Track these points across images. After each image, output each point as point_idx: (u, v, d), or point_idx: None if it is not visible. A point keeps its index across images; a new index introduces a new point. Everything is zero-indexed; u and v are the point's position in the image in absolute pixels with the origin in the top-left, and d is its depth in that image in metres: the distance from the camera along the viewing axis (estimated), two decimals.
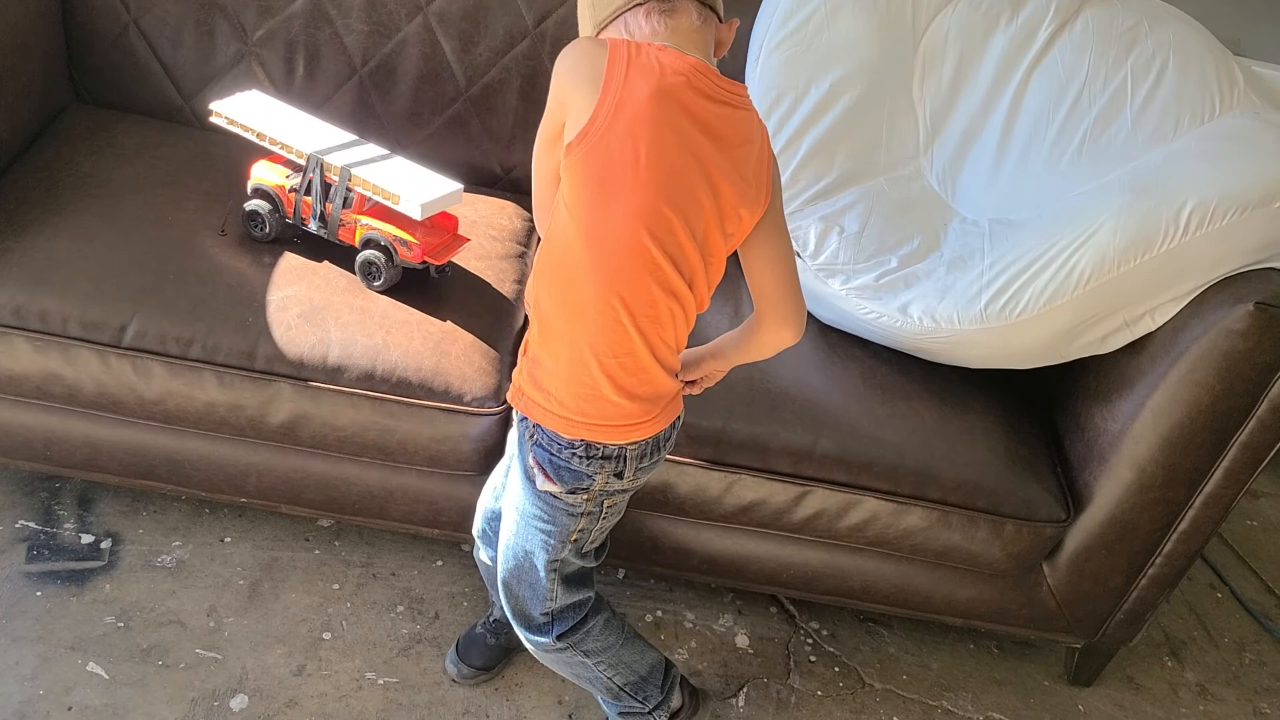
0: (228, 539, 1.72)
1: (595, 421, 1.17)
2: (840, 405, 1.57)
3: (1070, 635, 1.73)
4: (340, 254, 1.57)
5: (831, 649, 1.80)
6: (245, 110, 1.59)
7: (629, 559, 1.68)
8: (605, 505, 1.25)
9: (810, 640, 1.80)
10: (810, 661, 1.77)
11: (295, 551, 1.72)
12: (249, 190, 1.57)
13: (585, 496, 1.23)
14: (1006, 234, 1.58)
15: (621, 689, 1.43)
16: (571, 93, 1.06)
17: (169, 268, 1.49)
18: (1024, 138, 1.70)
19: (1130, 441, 1.52)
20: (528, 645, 1.38)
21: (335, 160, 1.52)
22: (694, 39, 1.10)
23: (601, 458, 1.19)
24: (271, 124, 1.57)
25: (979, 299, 1.51)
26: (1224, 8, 2.03)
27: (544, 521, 1.25)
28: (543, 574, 1.29)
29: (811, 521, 1.56)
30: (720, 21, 1.15)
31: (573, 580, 1.33)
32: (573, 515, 1.24)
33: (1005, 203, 1.66)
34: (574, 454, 1.19)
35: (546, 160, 1.15)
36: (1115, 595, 1.66)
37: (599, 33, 1.13)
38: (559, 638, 1.34)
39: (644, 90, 1.04)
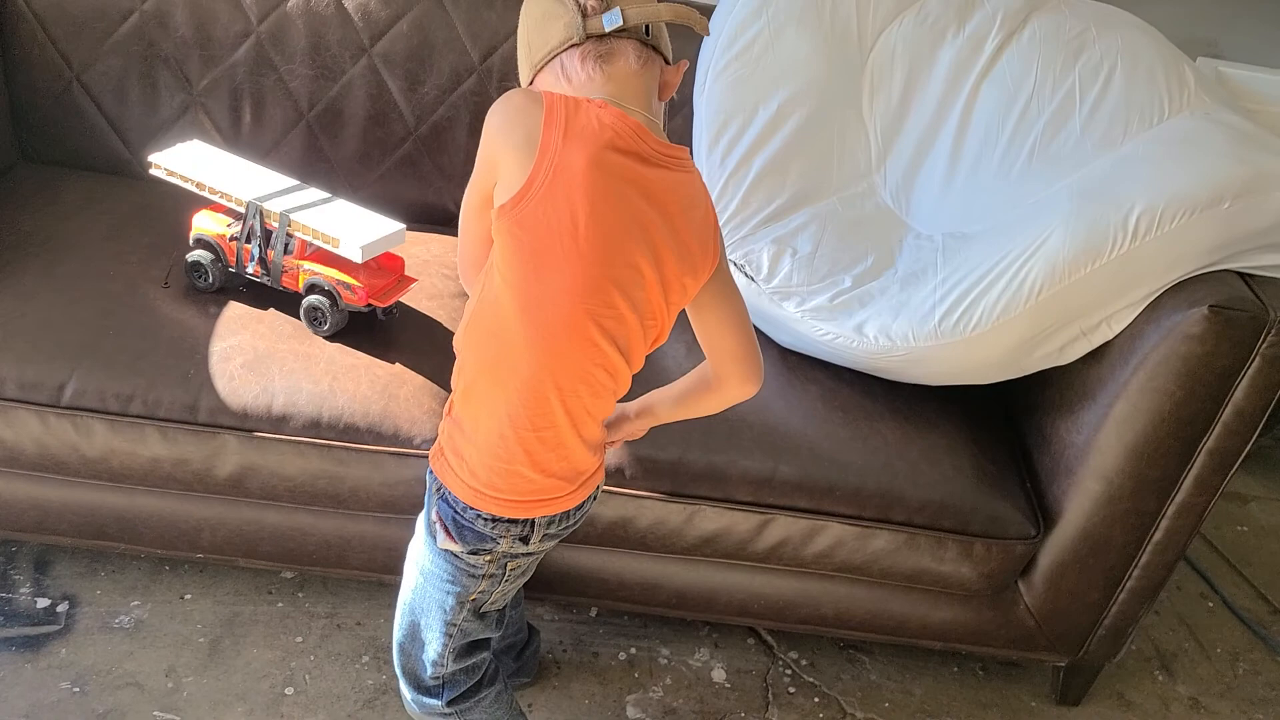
0: (188, 596, 1.69)
1: (505, 496, 1.13)
2: (800, 429, 1.54)
3: (1052, 654, 1.68)
4: (285, 301, 1.55)
5: (811, 679, 1.76)
6: (185, 161, 1.58)
7: (596, 596, 1.64)
8: (509, 568, 1.20)
9: (789, 671, 1.76)
10: (789, 693, 1.73)
11: (257, 605, 1.69)
12: (191, 241, 1.55)
13: (488, 558, 1.17)
14: (959, 248, 1.56)
15: None
16: (504, 153, 1.01)
17: (109, 323, 1.47)
18: (975, 150, 1.68)
19: (1096, 453, 1.49)
20: (411, 707, 1.30)
21: (274, 206, 1.50)
22: (633, 85, 1.05)
23: (507, 522, 1.15)
24: (211, 173, 1.55)
25: (933, 315, 1.48)
26: (1201, 9, 2.02)
27: (443, 580, 1.20)
28: (439, 634, 1.23)
29: (777, 550, 1.53)
30: (667, 64, 1.09)
31: (468, 648, 1.26)
32: (474, 576, 1.19)
33: (958, 216, 1.64)
34: (478, 516, 1.14)
35: (477, 222, 1.09)
36: (1094, 611, 1.62)
37: (535, 75, 1.09)
38: (449, 703, 1.26)
39: (582, 155, 0.99)
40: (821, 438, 1.54)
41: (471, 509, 1.13)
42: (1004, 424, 1.66)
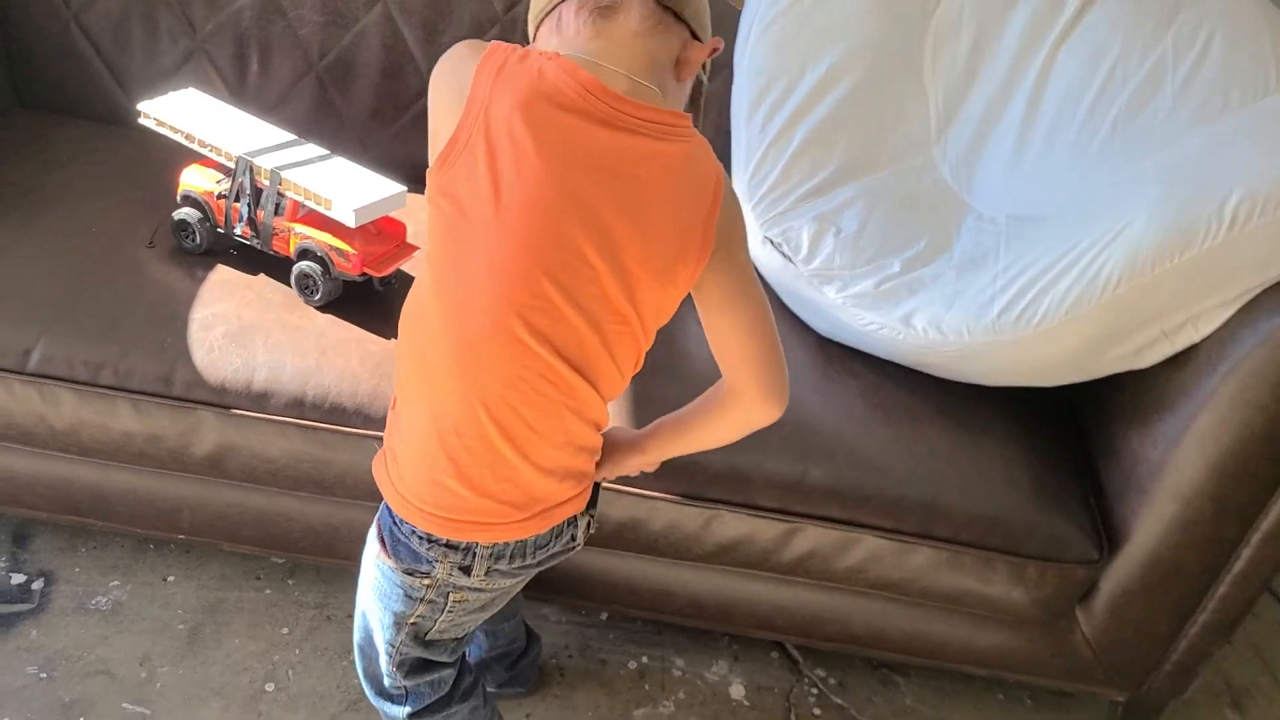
0: (171, 578, 1.58)
1: (432, 510, 0.97)
2: (835, 429, 1.38)
3: (1111, 688, 1.51)
4: (277, 266, 1.42)
5: (839, 700, 1.60)
6: (177, 110, 1.45)
7: (605, 601, 1.50)
8: (451, 599, 1.04)
9: (815, 690, 1.61)
10: (814, 715, 1.58)
11: (243, 591, 1.58)
12: (178, 198, 1.43)
13: (426, 583, 1.02)
14: (1025, 232, 1.38)
15: None
16: (440, 112, 0.88)
17: (86, 284, 1.36)
18: (1049, 122, 1.49)
19: (1173, 470, 1.31)
20: (380, 711, 1.18)
21: (266, 162, 1.37)
22: (629, 47, 0.88)
23: (445, 545, 0.99)
24: (203, 124, 1.43)
25: (991, 307, 1.31)
26: None
27: (381, 592, 1.06)
28: (384, 648, 1.09)
29: (804, 562, 1.37)
30: (693, 37, 0.92)
31: (420, 665, 1.12)
32: (410, 598, 1.04)
33: (1026, 196, 1.46)
34: (413, 532, 0.99)
35: None
36: (1161, 644, 1.45)
37: (537, 30, 0.94)
38: (412, 716, 1.13)
39: (507, 103, 0.84)
40: (859, 439, 1.37)
41: (406, 523, 0.99)
42: (1069, 432, 1.48)
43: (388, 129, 1.73)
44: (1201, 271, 1.22)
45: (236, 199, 1.39)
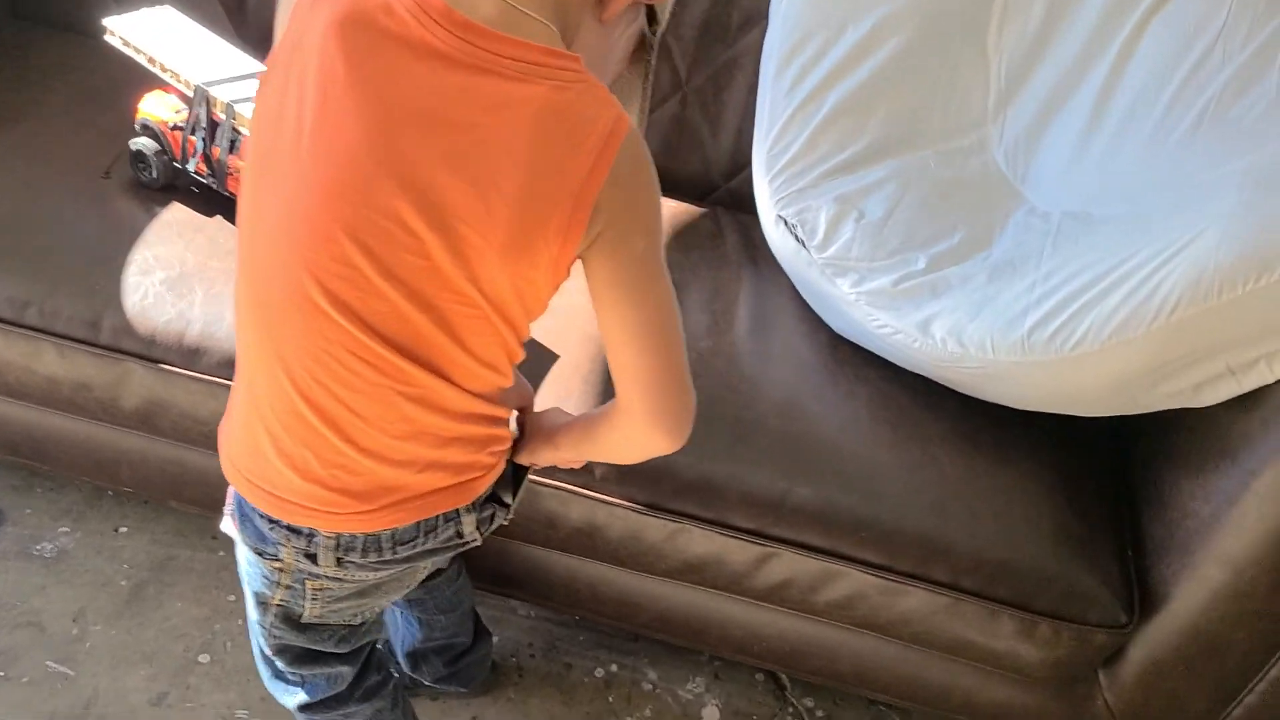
0: (123, 529, 1.49)
1: (258, 482, 0.85)
2: (830, 442, 1.21)
3: None
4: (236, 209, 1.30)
5: None
6: (145, 29, 1.34)
7: (567, 604, 1.37)
8: (309, 586, 0.91)
9: None
10: None
11: (196, 550, 1.49)
12: (136, 126, 1.32)
13: (277, 565, 0.90)
14: (1078, 234, 1.17)
15: None
16: (278, 22, 0.79)
17: (27, 212, 1.26)
18: (1126, 106, 1.27)
19: (1226, 532, 1.10)
20: (275, 698, 1.08)
21: (224, 94, 1.24)
22: None
23: (287, 529, 0.86)
24: (168, 47, 1.31)
25: (1022, 321, 1.11)
26: None
27: (245, 572, 0.97)
28: (256, 628, 1.00)
29: (779, 590, 1.21)
30: None
31: (305, 656, 1.01)
32: (268, 580, 0.92)
33: (1088, 191, 1.25)
34: (255, 509, 0.88)
35: None
36: None
37: None
38: (301, 709, 1.03)
39: (324, 19, 0.70)
40: (857, 458, 1.20)
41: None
42: (1111, 471, 1.28)
43: None
44: None
45: (193, 132, 1.27)
